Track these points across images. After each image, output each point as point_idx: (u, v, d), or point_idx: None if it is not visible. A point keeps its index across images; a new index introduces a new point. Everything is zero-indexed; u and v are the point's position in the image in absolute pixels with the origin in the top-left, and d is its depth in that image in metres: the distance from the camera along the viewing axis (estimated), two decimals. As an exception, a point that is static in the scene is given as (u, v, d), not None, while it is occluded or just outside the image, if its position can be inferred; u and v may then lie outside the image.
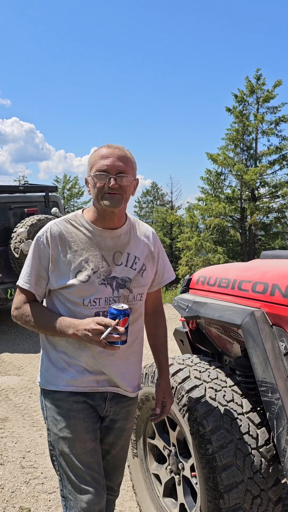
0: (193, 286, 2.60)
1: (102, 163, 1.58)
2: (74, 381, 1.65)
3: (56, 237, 1.62)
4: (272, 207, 21.30)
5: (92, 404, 1.68)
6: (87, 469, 1.62)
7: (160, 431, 2.34)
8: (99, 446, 1.70)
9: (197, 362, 2.20)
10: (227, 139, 21.84)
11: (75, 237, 1.64)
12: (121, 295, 1.65)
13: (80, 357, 1.64)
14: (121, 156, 1.60)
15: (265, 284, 1.96)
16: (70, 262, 1.61)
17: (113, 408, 1.73)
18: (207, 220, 21.39)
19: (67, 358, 1.66)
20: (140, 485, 2.46)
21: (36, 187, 8.16)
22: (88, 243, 1.64)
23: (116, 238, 1.67)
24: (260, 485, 1.83)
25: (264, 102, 21.52)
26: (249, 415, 1.94)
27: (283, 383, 1.78)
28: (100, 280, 1.62)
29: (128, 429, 1.84)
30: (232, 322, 1.97)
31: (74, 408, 1.65)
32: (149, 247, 1.77)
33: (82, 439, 1.63)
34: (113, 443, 1.80)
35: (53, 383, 1.68)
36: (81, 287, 1.60)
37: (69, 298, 1.62)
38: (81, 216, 1.68)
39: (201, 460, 1.84)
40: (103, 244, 1.65)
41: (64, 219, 1.68)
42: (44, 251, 1.63)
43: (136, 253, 1.71)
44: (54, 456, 1.71)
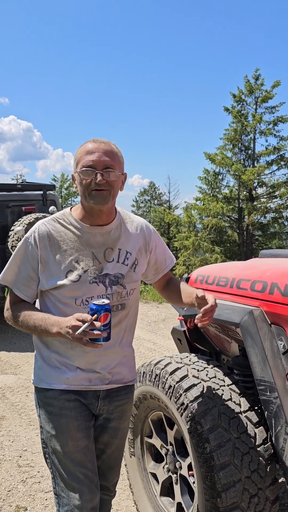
0: (192, 285, 2.59)
1: (87, 158, 1.54)
2: (66, 379, 1.64)
3: (45, 237, 1.60)
4: (270, 207, 21.33)
5: (85, 402, 1.67)
6: (79, 467, 1.62)
7: (157, 429, 2.33)
8: (92, 444, 1.69)
9: (195, 361, 2.19)
10: (225, 139, 21.85)
11: (64, 236, 1.61)
12: (115, 292, 1.64)
13: (73, 356, 1.63)
14: (107, 151, 1.56)
15: (264, 283, 1.96)
16: (60, 262, 1.59)
17: (106, 407, 1.72)
18: (205, 220, 21.40)
19: (59, 357, 1.65)
20: (137, 484, 2.45)
21: (34, 185, 8.14)
22: (77, 241, 1.61)
23: (106, 234, 1.65)
24: (257, 484, 1.83)
25: (262, 102, 21.54)
26: (247, 414, 1.93)
27: (281, 382, 1.77)
28: (92, 278, 1.60)
29: (123, 428, 1.83)
30: (231, 321, 1.96)
31: (66, 406, 1.64)
32: (142, 240, 1.74)
33: (74, 437, 1.63)
34: (108, 442, 1.79)
35: (46, 381, 1.67)
36: (72, 287, 1.58)
37: (60, 298, 1.60)
38: (69, 214, 1.66)
39: (199, 459, 1.83)
40: (93, 241, 1.63)
41: (52, 218, 1.66)
42: (33, 252, 1.60)
43: (128, 248, 1.69)
44: (47, 454, 1.70)
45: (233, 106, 21.87)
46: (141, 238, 1.75)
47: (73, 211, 1.67)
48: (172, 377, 2.05)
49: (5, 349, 6.04)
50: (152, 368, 2.19)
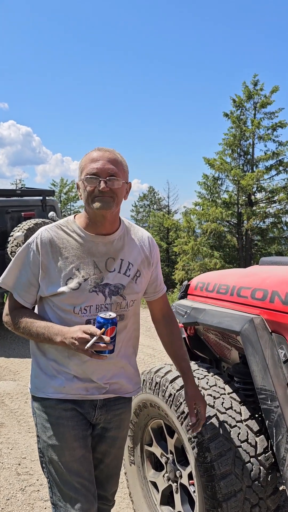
0: (192, 292, 2.59)
1: (92, 166, 1.55)
2: (63, 388, 1.63)
3: (47, 243, 1.60)
4: (269, 212, 21.35)
5: (82, 411, 1.66)
6: (76, 476, 1.61)
7: (157, 438, 2.32)
8: (89, 453, 1.68)
9: (195, 369, 2.19)
10: (224, 144, 21.91)
11: (66, 243, 1.61)
12: (114, 302, 1.63)
13: (69, 365, 1.62)
14: (111, 159, 1.57)
15: (264, 290, 1.96)
16: (60, 269, 1.59)
17: (103, 416, 1.71)
18: (204, 224, 21.41)
19: (56, 365, 1.64)
20: (137, 493, 2.43)
21: (33, 191, 8.15)
22: (79, 249, 1.61)
23: (108, 244, 1.64)
24: (258, 493, 1.82)
25: (261, 108, 21.61)
26: (248, 423, 1.92)
27: (282, 390, 1.77)
28: (91, 287, 1.59)
29: (122, 437, 1.82)
30: (231, 329, 1.96)
31: (63, 416, 1.63)
32: (144, 253, 1.74)
33: (71, 447, 1.62)
34: (106, 452, 1.78)
35: (42, 390, 1.66)
36: (72, 294, 1.57)
37: (59, 305, 1.60)
38: (73, 222, 1.66)
39: (199, 468, 1.82)
40: (95, 250, 1.62)
41: (56, 225, 1.66)
42: (35, 258, 1.60)
43: (130, 259, 1.68)
44: (44, 463, 1.69)
45: (232, 112, 21.95)
46: (144, 250, 1.74)
47: (77, 219, 1.67)
48: (173, 385, 2.04)
49: (4, 355, 6.02)
50: (152, 376, 2.18)
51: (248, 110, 21.98)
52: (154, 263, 1.78)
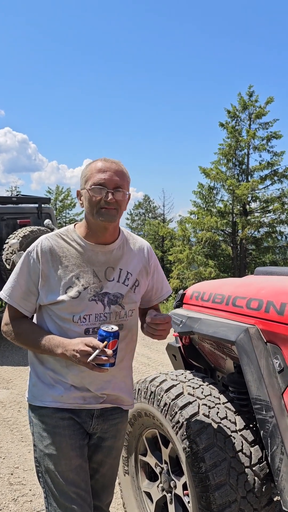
0: (187, 301, 2.59)
1: (99, 176, 1.56)
2: (61, 397, 1.63)
3: (47, 252, 1.60)
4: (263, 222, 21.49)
5: (79, 421, 1.66)
6: (72, 486, 1.60)
7: (152, 448, 2.31)
8: (86, 463, 1.67)
9: (190, 378, 2.18)
10: (219, 153, 22.08)
11: (66, 252, 1.62)
12: (113, 311, 1.64)
13: (67, 375, 1.62)
14: (118, 171, 1.59)
15: (259, 300, 1.97)
16: (60, 277, 1.59)
17: (100, 426, 1.71)
18: (199, 233, 21.50)
19: (54, 375, 1.64)
20: (130, 503, 2.41)
21: (29, 198, 8.16)
22: (79, 258, 1.62)
23: (108, 253, 1.65)
24: (253, 504, 1.81)
25: (256, 118, 21.84)
26: (243, 433, 1.92)
27: (277, 401, 1.77)
28: (91, 296, 1.60)
29: (118, 447, 1.81)
30: (227, 339, 1.96)
31: (60, 425, 1.63)
32: (143, 262, 1.75)
33: (67, 456, 1.61)
34: (101, 462, 1.77)
35: (40, 398, 1.66)
36: (71, 303, 1.58)
37: (58, 314, 1.60)
38: (73, 231, 1.67)
39: (194, 478, 1.81)
40: (95, 260, 1.63)
41: (56, 234, 1.66)
42: (35, 266, 1.60)
43: (129, 268, 1.69)
44: (40, 473, 1.68)
45: (227, 122, 22.16)
46: (143, 260, 1.75)
47: (77, 228, 1.68)
48: (168, 395, 2.04)
49: (-3, 363, 5.97)
50: (147, 385, 2.18)
51: (243, 121, 22.22)
52: (151, 272, 1.79)
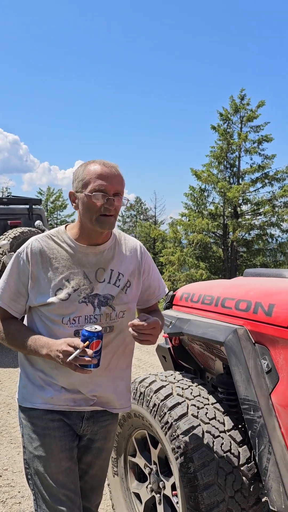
0: (177, 303, 2.61)
1: (100, 182, 1.53)
2: (51, 399, 1.62)
3: (37, 253, 1.60)
4: (254, 224, 21.62)
5: (69, 422, 1.66)
6: (62, 488, 1.60)
7: (141, 448, 2.32)
8: (75, 465, 1.67)
9: (179, 379, 2.19)
10: (211, 156, 22.19)
11: (57, 253, 1.61)
12: (103, 313, 1.63)
13: (57, 377, 1.62)
14: (118, 176, 1.57)
15: (248, 302, 1.98)
16: (50, 279, 1.59)
17: (90, 428, 1.71)
18: (190, 235, 21.57)
19: (44, 376, 1.64)
20: (120, 505, 2.42)
21: (20, 199, 8.14)
22: (69, 260, 1.61)
23: (99, 254, 1.65)
24: (241, 504, 1.82)
25: (247, 121, 21.99)
26: (231, 433, 1.94)
27: (265, 401, 1.79)
28: (81, 298, 1.59)
29: (107, 449, 1.81)
30: (215, 340, 1.98)
31: (50, 426, 1.62)
32: (135, 262, 1.74)
33: (57, 458, 1.61)
34: (91, 463, 1.77)
35: (30, 400, 1.65)
36: (61, 305, 1.57)
37: (48, 315, 1.60)
38: (64, 233, 1.66)
39: (183, 478, 1.82)
40: (85, 261, 1.63)
41: (46, 235, 1.65)
42: (24, 268, 1.60)
43: (120, 269, 1.69)
44: (29, 475, 1.68)
45: (219, 125, 22.28)
46: (135, 260, 1.74)
47: (68, 230, 1.67)
48: (157, 395, 2.05)
49: (-13, 365, 5.94)
50: (136, 386, 2.19)
51: (234, 124, 22.35)
52: (146, 271, 1.78)
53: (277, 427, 1.76)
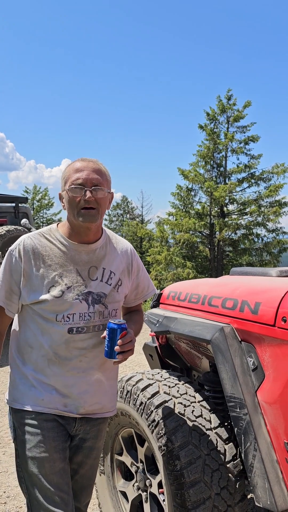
0: (164, 301, 2.61)
1: (76, 176, 1.56)
2: (41, 400, 1.61)
3: (29, 250, 1.59)
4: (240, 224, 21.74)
5: (62, 423, 1.64)
6: (56, 490, 1.57)
7: (128, 447, 2.32)
8: (68, 466, 1.65)
9: (166, 377, 2.20)
10: (198, 155, 22.24)
11: (49, 251, 1.61)
12: (96, 311, 1.63)
13: (49, 375, 1.61)
14: (95, 169, 1.59)
15: (234, 300, 2.00)
16: (43, 276, 1.58)
17: (83, 427, 1.70)
18: (177, 235, 21.60)
19: (35, 374, 1.62)
20: (106, 503, 2.41)
21: (6, 197, 8.07)
22: (62, 257, 1.61)
23: (91, 252, 1.66)
24: (227, 501, 1.84)
25: (234, 122, 22.09)
26: (217, 431, 1.95)
27: (250, 398, 1.80)
28: (75, 295, 1.59)
29: (98, 448, 1.81)
30: (202, 338, 1.99)
31: (44, 427, 1.60)
32: (125, 262, 1.76)
33: (51, 459, 1.59)
34: (81, 462, 1.76)
35: (20, 401, 1.63)
36: (54, 302, 1.57)
37: (41, 313, 1.59)
38: (56, 230, 1.66)
39: (169, 476, 1.83)
40: (78, 259, 1.63)
41: (38, 233, 1.66)
42: (17, 265, 1.59)
43: (112, 268, 1.70)
44: (22, 478, 1.65)
45: (206, 124, 22.35)
46: (125, 260, 1.76)
47: (60, 228, 1.67)
48: (144, 394, 2.05)
49: (-28, 364, 5.87)
50: (123, 385, 2.19)
51: (221, 124, 22.43)
52: (135, 271, 1.80)
53: (263, 424, 1.77)
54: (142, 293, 1.86)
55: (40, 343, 1.61)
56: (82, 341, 1.61)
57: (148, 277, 1.89)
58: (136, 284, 1.82)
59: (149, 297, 1.91)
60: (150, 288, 1.89)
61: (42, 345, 1.60)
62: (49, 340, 1.59)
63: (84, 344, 1.61)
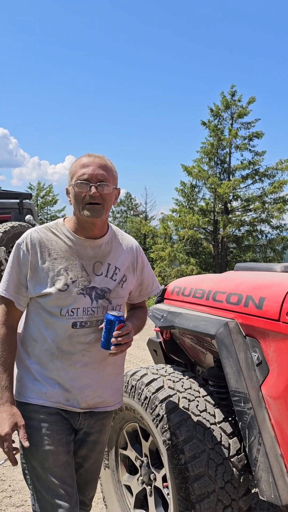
0: (168, 296, 2.62)
1: (82, 171, 1.57)
2: (44, 394, 1.62)
3: (36, 244, 1.61)
4: (244, 221, 21.73)
5: (66, 416, 1.65)
6: (60, 483, 1.59)
7: (132, 441, 2.33)
8: (72, 459, 1.67)
9: (171, 372, 2.21)
10: (202, 152, 22.22)
11: (55, 245, 1.62)
12: (100, 306, 1.64)
13: (52, 369, 1.62)
14: (101, 165, 1.59)
15: (239, 295, 2.00)
16: (48, 269, 1.60)
17: (87, 421, 1.71)
18: (181, 231, 21.62)
19: (39, 368, 1.63)
20: (111, 497, 2.43)
21: (10, 193, 8.09)
22: (68, 251, 1.62)
23: (97, 248, 1.66)
24: (231, 494, 1.85)
25: (238, 118, 22.04)
26: (222, 425, 1.96)
27: (255, 393, 1.81)
28: (79, 290, 1.60)
29: (102, 442, 1.82)
30: (207, 333, 1.99)
31: (48, 420, 1.62)
32: (130, 258, 1.76)
33: (55, 452, 1.60)
34: (86, 456, 1.77)
35: (24, 394, 1.65)
36: (59, 296, 1.58)
37: (46, 307, 1.60)
38: (62, 225, 1.67)
39: (174, 470, 1.84)
40: (83, 254, 1.64)
41: (45, 227, 1.67)
42: (24, 258, 1.61)
43: (117, 263, 1.70)
44: (26, 470, 1.66)
45: (210, 121, 22.30)
46: (130, 256, 1.76)
47: (66, 222, 1.68)
48: (148, 388, 2.06)
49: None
50: (128, 379, 2.19)
51: (225, 120, 22.38)
52: (139, 269, 1.80)
53: (267, 418, 1.78)
54: (147, 290, 1.87)
55: (44, 337, 1.62)
56: (85, 335, 1.62)
57: (153, 274, 1.90)
58: (140, 281, 1.82)
59: (153, 294, 1.91)
60: (155, 286, 1.89)
61: (45, 339, 1.61)
62: (52, 334, 1.61)
63: (87, 339, 1.62)
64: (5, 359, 1.59)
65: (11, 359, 1.62)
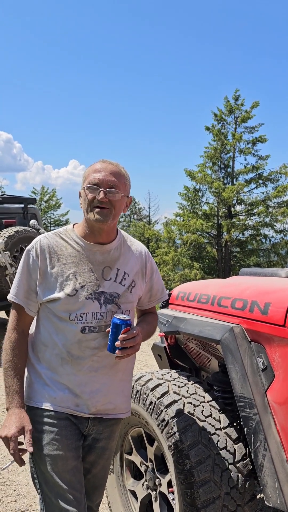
0: (173, 302, 2.62)
1: (94, 176, 1.60)
2: (54, 399, 1.63)
3: (45, 249, 1.63)
4: (248, 225, 21.69)
5: (75, 422, 1.66)
6: (69, 488, 1.59)
7: (137, 446, 2.33)
8: (81, 464, 1.67)
9: (176, 377, 2.21)
10: (205, 156, 22.23)
11: (64, 250, 1.64)
12: (109, 311, 1.65)
13: (62, 374, 1.63)
14: (114, 172, 1.61)
15: (244, 300, 2.01)
16: (58, 275, 1.61)
17: (96, 427, 1.71)
18: (184, 235, 21.61)
19: (49, 372, 1.64)
20: (116, 502, 2.43)
21: (14, 198, 8.12)
22: (77, 257, 1.64)
23: (106, 253, 1.68)
24: (236, 500, 1.85)
25: (242, 122, 22.06)
26: (227, 430, 1.96)
27: (260, 398, 1.81)
28: (88, 294, 1.62)
29: (111, 448, 1.82)
30: (212, 338, 2.00)
31: (57, 425, 1.62)
32: (139, 264, 1.77)
33: (64, 457, 1.60)
34: (94, 462, 1.77)
35: (34, 399, 1.66)
36: (67, 300, 1.59)
37: (55, 312, 1.61)
38: (72, 231, 1.70)
39: (179, 475, 1.84)
40: (93, 259, 1.66)
41: (54, 233, 1.69)
42: (34, 264, 1.63)
43: (126, 269, 1.72)
44: (35, 474, 1.66)
45: (213, 125, 22.33)
46: (139, 262, 1.77)
47: (76, 228, 1.71)
48: (153, 393, 2.07)
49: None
50: (133, 384, 2.20)
51: (229, 124, 22.41)
52: (148, 274, 1.81)
53: (273, 424, 1.78)
54: (156, 296, 1.88)
55: (54, 342, 1.63)
56: (94, 340, 1.63)
57: (162, 281, 1.91)
58: (149, 287, 1.83)
59: (163, 300, 1.92)
60: (164, 292, 1.91)
61: (56, 344, 1.63)
62: (63, 339, 1.62)
63: (96, 344, 1.63)
64: (16, 364, 1.62)
65: (22, 364, 1.64)
